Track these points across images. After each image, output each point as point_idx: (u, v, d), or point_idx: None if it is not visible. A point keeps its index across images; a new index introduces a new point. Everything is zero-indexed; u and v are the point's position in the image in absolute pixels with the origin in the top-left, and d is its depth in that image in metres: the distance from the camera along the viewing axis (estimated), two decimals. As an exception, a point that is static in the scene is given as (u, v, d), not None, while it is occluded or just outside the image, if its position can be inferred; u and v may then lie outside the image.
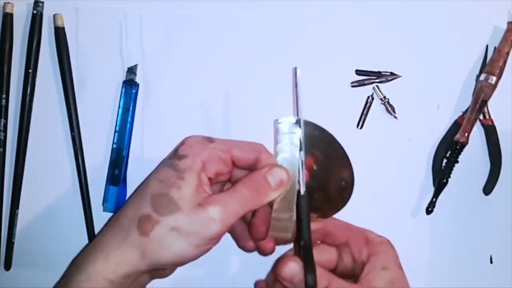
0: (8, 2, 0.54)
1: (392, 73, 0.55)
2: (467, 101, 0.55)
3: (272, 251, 0.47)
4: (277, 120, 0.45)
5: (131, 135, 0.54)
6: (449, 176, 0.54)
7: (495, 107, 0.55)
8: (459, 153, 0.54)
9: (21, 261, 0.54)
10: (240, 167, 0.45)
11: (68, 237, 0.55)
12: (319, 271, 0.39)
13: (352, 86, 0.55)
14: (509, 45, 0.54)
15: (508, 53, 0.54)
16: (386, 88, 0.55)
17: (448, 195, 0.55)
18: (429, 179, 0.55)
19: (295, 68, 0.45)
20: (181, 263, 0.41)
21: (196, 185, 0.40)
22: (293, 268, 0.39)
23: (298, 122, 0.44)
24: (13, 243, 0.54)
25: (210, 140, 0.43)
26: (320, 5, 0.55)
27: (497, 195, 0.55)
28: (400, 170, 0.55)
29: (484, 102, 0.54)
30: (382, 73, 0.55)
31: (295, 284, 0.39)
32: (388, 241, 0.44)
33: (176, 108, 0.55)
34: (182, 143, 0.43)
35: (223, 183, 0.47)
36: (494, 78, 0.53)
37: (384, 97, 0.54)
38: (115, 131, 0.54)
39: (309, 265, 0.39)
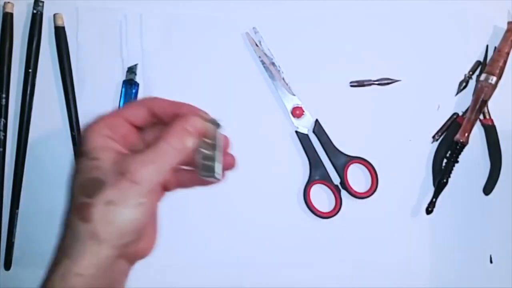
0: (8, 2, 0.54)
1: (388, 78, 0.55)
2: (467, 101, 0.55)
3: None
4: None
5: (131, 135, 0.54)
6: (449, 176, 0.54)
7: (495, 107, 0.55)
8: (459, 153, 0.54)
9: (21, 261, 0.54)
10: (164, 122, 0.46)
11: (68, 237, 0.55)
12: None
13: (351, 86, 0.55)
14: (509, 45, 0.54)
15: (508, 53, 0.54)
16: (386, 88, 0.55)
17: (448, 195, 0.55)
18: (429, 179, 0.55)
19: None
20: (138, 228, 0.42)
21: (112, 157, 0.42)
22: None
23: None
24: (13, 243, 0.54)
25: (100, 117, 0.44)
26: (319, 5, 0.55)
27: (497, 195, 0.55)
28: (400, 170, 0.55)
29: (484, 102, 0.54)
30: (378, 81, 0.55)
31: None
32: None
33: (176, 108, 0.55)
34: (83, 132, 0.45)
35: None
36: (494, 78, 0.53)
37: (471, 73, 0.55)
38: (115, 131, 0.54)
39: None
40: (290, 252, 0.55)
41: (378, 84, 0.55)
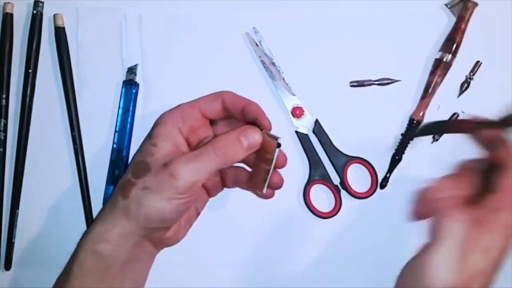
0: (8, 2, 0.54)
1: (388, 78, 0.55)
2: (467, 101, 0.55)
3: (271, 195, 0.51)
4: None
5: (131, 135, 0.54)
6: (403, 153, 0.54)
7: (495, 106, 0.55)
8: (414, 131, 0.54)
9: (21, 261, 0.55)
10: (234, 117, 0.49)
11: (69, 237, 0.54)
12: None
13: (351, 86, 0.55)
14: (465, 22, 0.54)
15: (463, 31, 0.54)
16: (386, 90, 0.55)
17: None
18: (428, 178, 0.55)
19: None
20: (164, 218, 0.45)
21: (168, 148, 0.45)
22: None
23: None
24: (13, 243, 0.54)
25: (178, 105, 0.49)
26: (319, 5, 0.55)
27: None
28: (400, 170, 0.55)
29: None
30: (378, 81, 0.55)
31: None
32: None
33: (176, 108, 0.55)
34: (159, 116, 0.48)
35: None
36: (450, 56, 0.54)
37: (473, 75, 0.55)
38: (115, 131, 0.54)
39: None
40: (290, 252, 0.55)
41: (378, 84, 0.55)
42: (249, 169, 0.51)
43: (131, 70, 0.54)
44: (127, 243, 0.44)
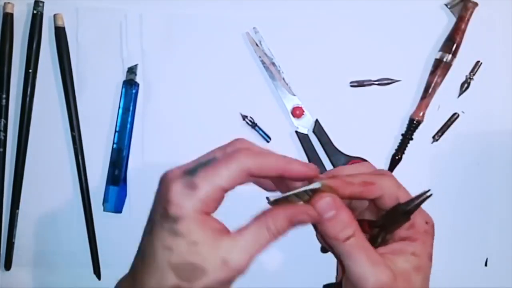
0: (8, 2, 0.54)
1: (388, 78, 0.55)
2: (467, 101, 0.55)
3: None
4: None
5: (131, 135, 0.54)
6: (403, 153, 0.55)
7: (495, 106, 0.55)
8: (414, 131, 0.54)
9: (21, 261, 0.54)
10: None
11: (68, 237, 0.55)
12: (348, 215, 0.40)
13: (351, 86, 0.55)
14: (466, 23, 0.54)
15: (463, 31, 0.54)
16: (386, 90, 0.55)
17: (445, 197, 0.55)
18: (429, 179, 0.55)
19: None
20: None
21: (211, 238, 0.39)
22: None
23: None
24: (13, 243, 0.54)
25: (192, 187, 0.40)
26: (319, 5, 0.55)
27: (496, 197, 0.55)
28: (400, 170, 0.55)
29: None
30: (378, 81, 0.55)
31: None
32: (432, 228, 0.43)
33: (176, 108, 0.55)
34: (167, 200, 0.40)
35: None
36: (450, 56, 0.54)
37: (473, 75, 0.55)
38: (115, 131, 0.54)
39: None
40: (290, 252, 0.55)
41: (378, 84, 0.55)
42: None
43: (131, 70, 0.54)
44: None
